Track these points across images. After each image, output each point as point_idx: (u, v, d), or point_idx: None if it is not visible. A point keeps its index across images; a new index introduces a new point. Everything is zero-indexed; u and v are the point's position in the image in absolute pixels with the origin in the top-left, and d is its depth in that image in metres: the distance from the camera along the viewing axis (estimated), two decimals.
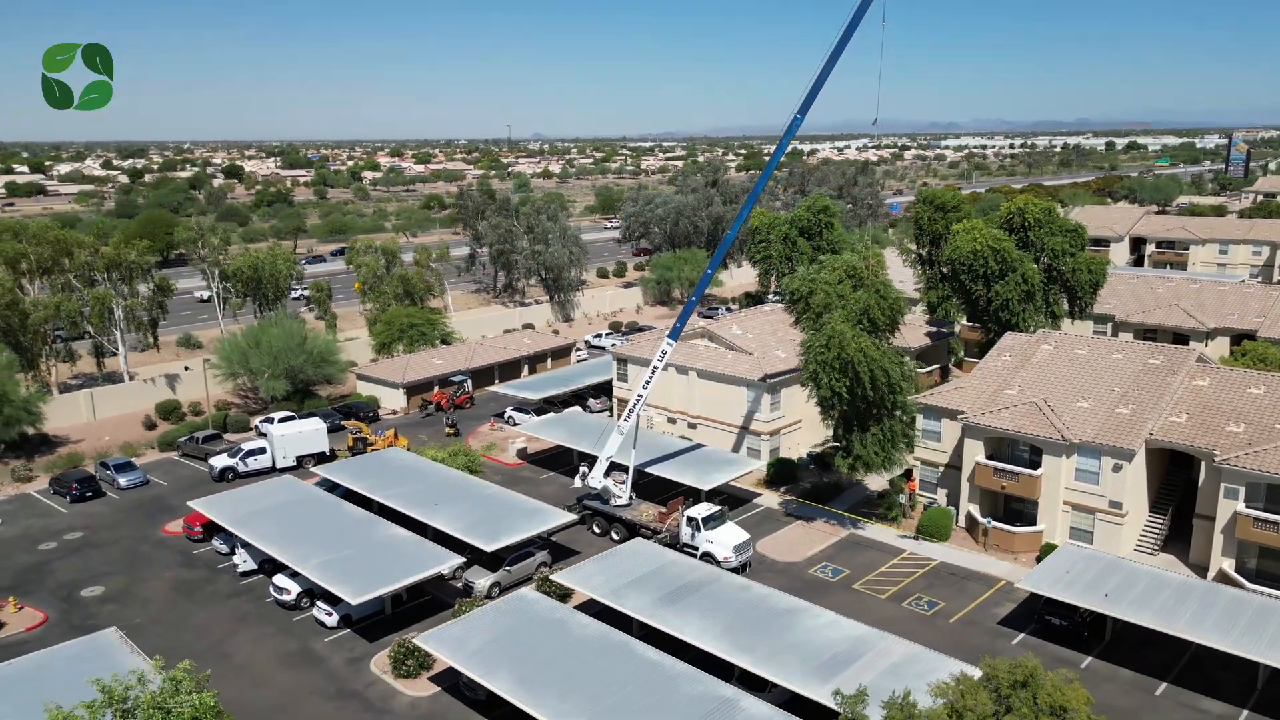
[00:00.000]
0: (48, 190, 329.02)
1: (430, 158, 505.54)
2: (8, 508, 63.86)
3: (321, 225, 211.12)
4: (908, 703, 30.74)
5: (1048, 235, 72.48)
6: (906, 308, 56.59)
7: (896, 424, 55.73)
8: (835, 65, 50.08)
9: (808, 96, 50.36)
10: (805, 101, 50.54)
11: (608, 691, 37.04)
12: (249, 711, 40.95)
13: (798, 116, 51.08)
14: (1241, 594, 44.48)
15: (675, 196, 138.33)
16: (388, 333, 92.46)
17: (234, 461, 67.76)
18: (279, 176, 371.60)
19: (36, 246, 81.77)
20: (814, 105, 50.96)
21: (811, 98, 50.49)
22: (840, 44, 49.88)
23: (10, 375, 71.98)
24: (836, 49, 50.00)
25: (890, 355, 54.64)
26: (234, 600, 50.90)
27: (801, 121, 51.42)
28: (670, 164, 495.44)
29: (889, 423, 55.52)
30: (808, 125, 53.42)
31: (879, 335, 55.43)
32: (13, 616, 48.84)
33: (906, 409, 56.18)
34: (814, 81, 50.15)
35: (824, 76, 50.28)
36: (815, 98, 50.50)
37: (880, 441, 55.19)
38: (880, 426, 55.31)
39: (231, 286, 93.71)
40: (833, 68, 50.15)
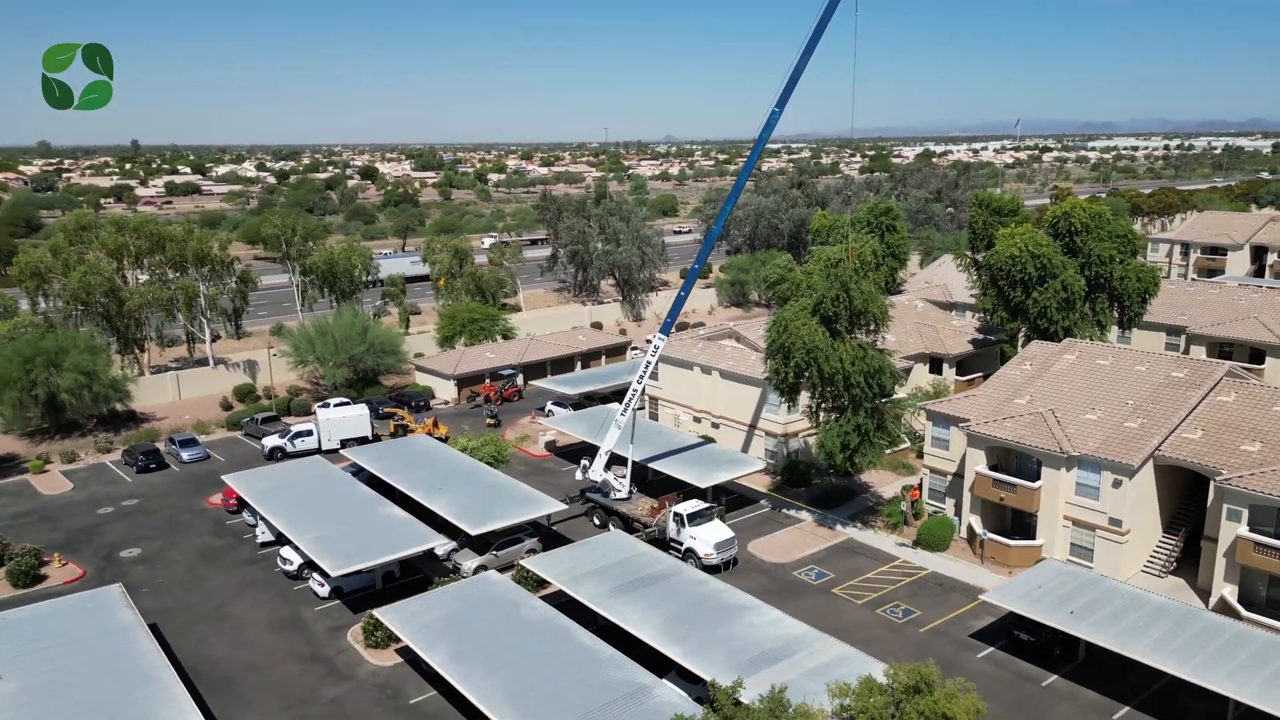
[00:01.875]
0: (202, 190, 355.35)
1: (556, 160, 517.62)
2: (83, 474, 70.77)
3: (431, 226, 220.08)
4: (776, 696, 31.04)
5: (1095, 241, 69.38)
6: (879, 305, 54.74)
7: (864, 419, 55.01)
8: (810, 57, 50.42)
9: (785, 89, 50.82)
10: (782, 95, 50.96)
11: (533, 671, 38.65)
12: (227, 667, 44.64)
13: (775, 110, 51.38)
14: (1221, 621, 42.08)
15: (754, 198, 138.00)
16: (450, 327, 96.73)
17: (283, 442, 72.84)
18: (409, 178, 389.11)
19: (136, 239, 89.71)
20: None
21: (788, 91, 50.86)
22: (814, 36, 50.38)
23: (102, 357, 79.51)
24: (811, 41, 50.57)
25: (852, 349, 53.97)
26: (248, 567, 55.14)
27: (780, 115, 51.70)
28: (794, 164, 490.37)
29: (853, 417, 54.99)
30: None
31: (835, 326, 54.89)
32: (56, 570, 54.48)
33: (873, 404, 55.13)
34: (790, 74, 50.60)
35: (799, 69, 50.61)
36: (792, 91, 50.83)
37: (843, 434, 54.76)
38: (843, 418, 54.88)
39: (311, 280, 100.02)
40: (808, 60, 50.55)
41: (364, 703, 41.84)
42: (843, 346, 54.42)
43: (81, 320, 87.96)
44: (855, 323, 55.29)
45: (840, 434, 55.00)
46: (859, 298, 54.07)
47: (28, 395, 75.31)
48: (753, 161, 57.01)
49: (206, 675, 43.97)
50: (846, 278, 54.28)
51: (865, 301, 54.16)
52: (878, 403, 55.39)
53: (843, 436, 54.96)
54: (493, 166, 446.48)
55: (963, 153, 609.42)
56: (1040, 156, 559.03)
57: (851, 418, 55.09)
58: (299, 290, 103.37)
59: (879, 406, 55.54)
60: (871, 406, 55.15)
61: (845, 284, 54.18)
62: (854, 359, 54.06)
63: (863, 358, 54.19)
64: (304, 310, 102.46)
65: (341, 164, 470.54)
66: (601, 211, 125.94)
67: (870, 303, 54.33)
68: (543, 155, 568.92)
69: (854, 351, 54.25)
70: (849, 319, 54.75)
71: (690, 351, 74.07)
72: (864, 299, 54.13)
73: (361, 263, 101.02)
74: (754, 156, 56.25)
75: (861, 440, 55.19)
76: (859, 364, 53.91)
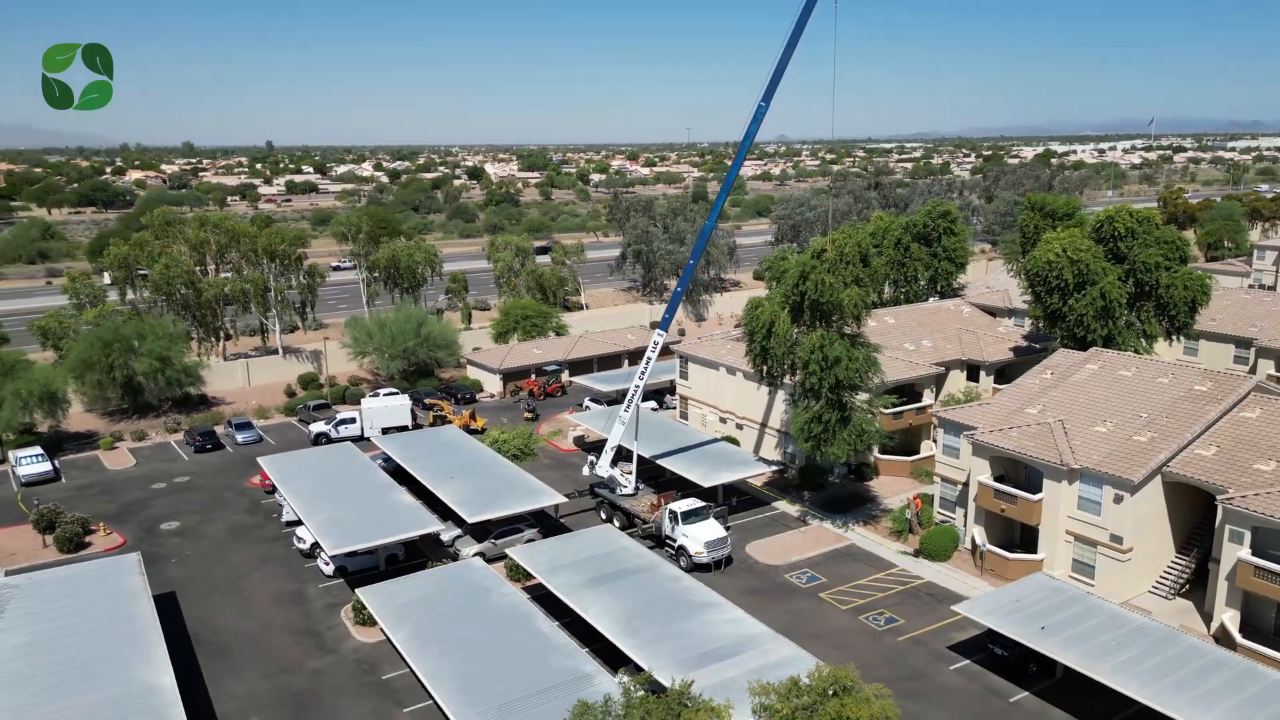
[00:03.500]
0: (319, 189, 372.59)
1: (661, 160, 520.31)
2: (147, 452, 76.26)
3: (521, 225, 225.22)
4: (682, 688, 31.58)
5: (1141, 247, 66.31)
6: (842, 297, 53.99)
7: (823, 408, 55.26)
8: (794, 50, 50.61)
9: (770, 84, 51.06)
10: (768, 89, 51.17)
11: (485, 654, 40.17)
12: (227, 635, 47.82)
13: (762, 104, 51.54)
14: (1201, 645, 40.17)
15: (824, 199, 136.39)
16: (504, 323, 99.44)
17: (328, 428, 76.74)
18: (513, 178, 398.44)
19: (216, 234, 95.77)
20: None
21: (773, 85, 51.03)
22: (797, 28, 50.38)
23: (176, 344, 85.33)
24: (794, 33, 50.67)
25: (816, 338, 54.24)
26: (270, 544, 58.61)
27: (766, 109, 51.80)
28: (901, 165, 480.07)
29: (813, 405, 55.61)
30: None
31: (800, 316, 55.81)
32: (100, 538, 59.15)
33: (834, 394, 55.32)
34: (774, 68, 50.84)
35: (784, 63, 50.78)
36: (777, 85, 50.99)
37: (808, 421, 55.66)
38: (807, 405, 55.90)
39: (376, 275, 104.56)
40: (792, 53, 50.69)
41: (340, 676, 44.20)
42: (811, 335, 54.80)
43: (164, 310, 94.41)
44: (817, 312, 55.24)
45: (805, 421, 56.09)
46: (813, 288, 53.99)
47: (107, 377, 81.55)
48: (742, 156, 57.11)
49: (207, 641, 47.27)
50: (809, 268, 54.54)
51: (821, 292, 53.80)
52: (843, 395, 55.39)
53: (807, 424, 55.92)
54: (596, 167, 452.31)
55: (1088, 153, 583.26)
56: (1171, 157, 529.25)
57: (812, 405, 55.71)
58: (365, 285, 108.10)
59: (843, 399, 55.43)
60: (834, 398, 55.13)
61: (805, 273, 54.56)
62: (813, 347, 54.16)
63: (821, 347, 54.14)
64: (370, 305, 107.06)
65: (452, 164, 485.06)
66: (667, 211, 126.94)
67: (826, 294, 53.81)
68: (648, 156, 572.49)
69: (816, 340, 54.37)
70: (811, 308, 55.07)
71: (718, 352, 74.39)
72: (819, 290, 53.86)
73: (425, 260, 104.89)
74: (743, 151, 56.26)
75: (824, 430, 55.52)
76: (817, 353, 54.04)
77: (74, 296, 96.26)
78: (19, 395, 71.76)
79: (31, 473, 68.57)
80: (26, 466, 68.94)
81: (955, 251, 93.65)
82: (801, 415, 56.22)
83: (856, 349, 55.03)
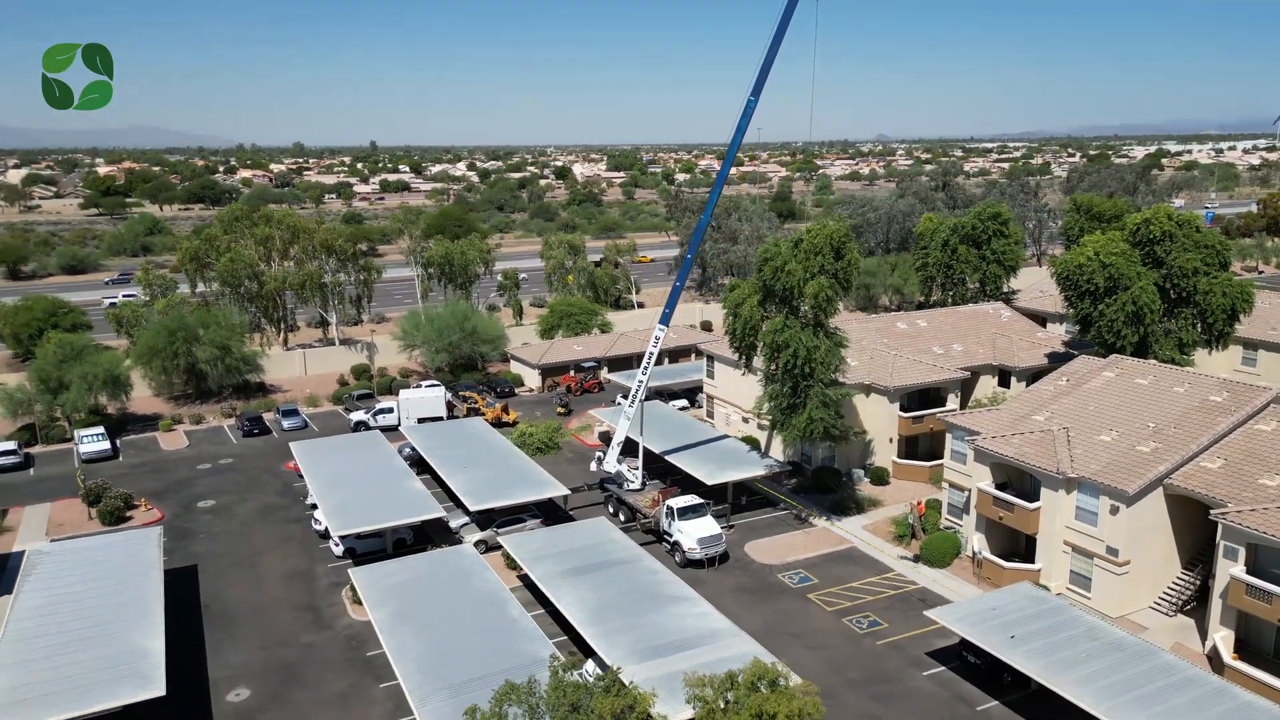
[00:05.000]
0: (410, 187, 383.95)
1: (751, 160, 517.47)
2: (200, 435, 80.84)
3: (597, 224, 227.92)
4: (610, 674, 32.44)
5: (1180, 251, 63.71)
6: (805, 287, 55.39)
7: (776, 389, 58.28)
8: (780, 45, 50.75)
9: (758, 78, 51.26)
10: (756, 83, 51.37)
11: (453, 636, 41.72)
12: (235, 607, 50.71)
13: (751, 99, 51.68)
14: (1174, 662, 38.75)
15: (888, 200, 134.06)
16: (550, 319, 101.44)
17: (366, 417, 79.96)
18: (598, 177, 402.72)
19: (280, 230, 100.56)
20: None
21: (762, 79, 51.19)
22: (782, 23, 50.44)
23: (236, 333, 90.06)
24: (780, 27, 50.84)
25: (777, 322, 56.29)
26: (292, 525, 61.63)
27: (755, 104, 51.92)
28: (998, 165, 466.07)
29: (771, 386, 58.90)
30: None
31: (767, 302, 57.76)
32: (141, 513, 63.22)
33: (791, 380, 57.14)
34: (762, 62, 51.02)
35: (770, 57, 50.97)
36: (765, 79, 51.16)
37: (772, 397, 58.75)
38: (769, 386, 59.09)
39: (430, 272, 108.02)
40: (778, 47, 50.84)
41: (329, 650, 46.45)
42: (773, 320, 57.07)
43: (231, 301, 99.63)
44: (785, 299, 57.00)
45: (766, 400, 58.91)
46: (770, 274, 56.19)
47: (171, 364, 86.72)
48: (732, 153, 57.16)
49: (216, 612, 50.26)
50: (772, 254, 56.83)
51: (779, 279, 55.67)
52: (798, 381, 57.01)
53: (763, 404, 59.46)
54: (682, 166, 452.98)
55: (1204, 153, 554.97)
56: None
57: (771, 386, 58.30)
58: (419, 281, 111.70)
59: (797, 384, 57.10)
60: (792, 385, 57.08)
61: (768, 259, 56.81)
62: (774, 330, 56.10)
63: (774, 332, 56.18)
64: (424, 300, 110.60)
65: (543, 164, 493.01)
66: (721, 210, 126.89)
67: (784, 280, 55.49)
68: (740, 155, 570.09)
69: (773, 325, 56.38)
70: (779, 296, 56.83)
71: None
72: (776, 277, 55.79)
73: (479, 257, 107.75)
74: (734, 147, 56.32)
75: (779, 412, 58.05)
76: (767, 335, 56.60)
77: (146, 288, 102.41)
78: (84, 379, 77.02)
79: (91, 450, 73.60)
80: (88, 444, 74.02)
81: (1005, 254, 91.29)
82: (763, 397, 59.16)
83: (818, 338, 55.92)
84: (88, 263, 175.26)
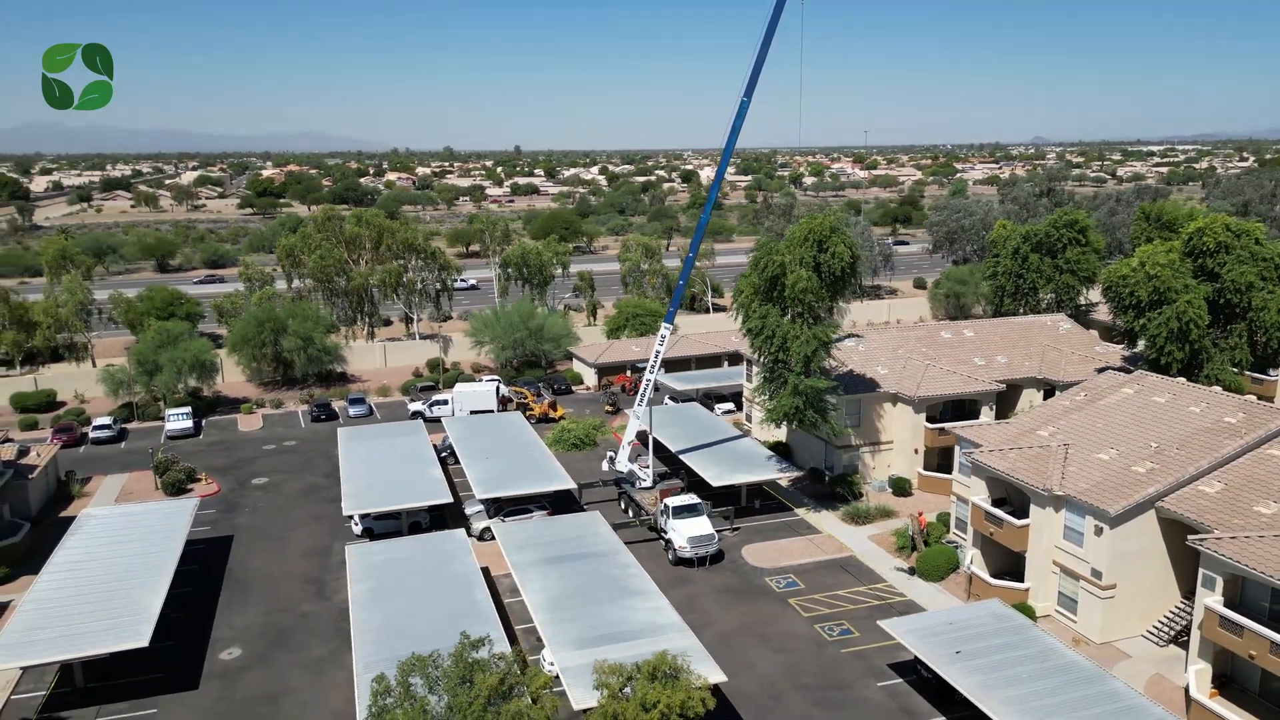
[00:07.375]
0: (540, 190, 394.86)
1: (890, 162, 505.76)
2: (275, 419, 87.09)
3: None
4: (510, 658, 34.08)
5: (1234, 264, 59.72)
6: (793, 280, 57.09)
7: (764, 373, 61.02)
8: (770, 43, 50.69)
9: (750, 78, 51.44)
10: (749, 84, 51.52)
11: (416, 614, 44.09)
12: (254, 575, 55.08)
13: (744, 100, 51.83)
14: (1120, 689, 36.94)
15: (982, 206, 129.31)
16: (617, 320, 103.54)
17: (423, 408, 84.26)
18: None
19: (368, 230, 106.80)
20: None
21: (754, 79, 51.31)
22: (771, 23, 50.73)
23: (319, 325, 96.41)
24: (770, 26, 50.83)
25: (764, 311, 58.67)
26: (328, 504, 65.86)
27: (749, 105, 52.02)
28: (1156, 170, 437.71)
29: (760, 371, 61.75)
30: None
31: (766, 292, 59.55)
32: (201, 486, 69.04)
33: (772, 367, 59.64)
34: (754, 62, 51.18)
35: (762, 56, 51.01)
36: (757, 79, 51.29)
37: (759, 385, 62.01)
38: (760, 374, 62.07)
39: (507, 272, 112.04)
40: (769, 46, 50.74)
41: (321, 620, 49.93)
42: (763, 309, 58.94)
43: (322, 296, 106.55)
44: (767, 291, 58.57)
45: (756, 386, 61.48)
46: (761, 262, 58.48)
47: (259, 352, 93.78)
48: (728, 154, 57.20)
49: (237, 579, 54.75)
50: (771, 248, 58.57)
51: (767, 267, 57.92)
52: (778, 369, 59.24)
53: (757, 389, 62.38)
54: (812, 170, 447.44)
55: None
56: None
57: (759, 373, 61.75)
58: (497, 281, 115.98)
59: (777, 371, 59.19)
60: (770, 370, 59.92)
61: (766, 251, 58.56)
62: (759, 317, 58.82)
63: (761, 318, 58.87)
64: (503, 298, 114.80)
65: (672, 168, 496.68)
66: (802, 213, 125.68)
67: (772, 269, 57.40)
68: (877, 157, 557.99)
69: (760, 312, 59.01)
70: (768, 286, 58.57)
71: None
72: (766, 267, 57.97)
73: (555, 258, 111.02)
74: (729, 149, 56.41)
75: (765, 394, 61.20)
76: (755, 322, 59.22)
77: (246, 282, 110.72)
78: (174, 363, 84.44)
79: (176, 428, 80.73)
80: (173, 422, 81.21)
81: (1080, 264, 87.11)
82: (756, 386, 62.45)
83: (798, 328, 57.37)
84: (227, 258, 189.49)
